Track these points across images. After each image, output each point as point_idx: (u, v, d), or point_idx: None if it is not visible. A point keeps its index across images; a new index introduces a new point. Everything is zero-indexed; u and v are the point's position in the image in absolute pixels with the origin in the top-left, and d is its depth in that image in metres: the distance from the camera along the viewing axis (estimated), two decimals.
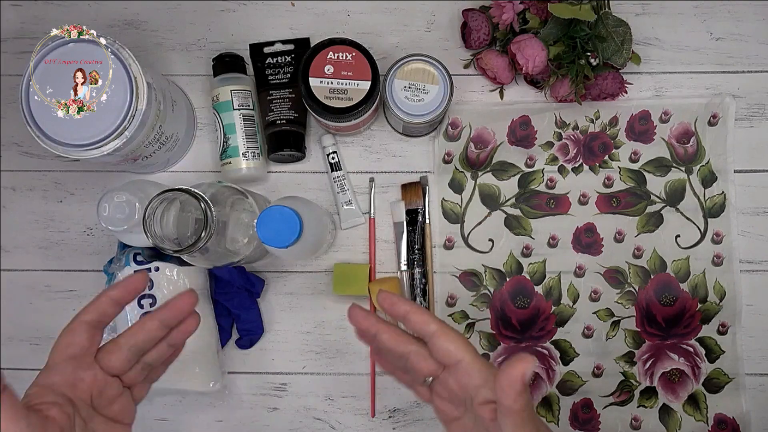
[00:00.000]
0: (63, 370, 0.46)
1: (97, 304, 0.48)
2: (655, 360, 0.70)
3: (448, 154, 0.72)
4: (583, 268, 0.71)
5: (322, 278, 0.72)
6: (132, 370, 0.49)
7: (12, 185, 0.74)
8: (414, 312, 0.48)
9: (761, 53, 0.72)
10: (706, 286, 0.70)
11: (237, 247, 0.63)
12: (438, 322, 0.47)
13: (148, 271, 0.67)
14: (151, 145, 0.64)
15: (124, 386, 0.49)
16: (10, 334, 0.73)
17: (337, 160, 0.71)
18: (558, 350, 0.70)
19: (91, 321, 0.47)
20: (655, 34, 0.73)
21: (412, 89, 0.65)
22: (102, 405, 0.47)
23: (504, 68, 0.69)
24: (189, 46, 0.74)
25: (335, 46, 0.64)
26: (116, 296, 0.48)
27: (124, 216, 0.61)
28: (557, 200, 0.71)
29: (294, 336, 0.72)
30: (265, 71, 0.71)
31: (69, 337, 0.47)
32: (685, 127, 0.71)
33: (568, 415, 0.70)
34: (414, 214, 0.71)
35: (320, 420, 0.71)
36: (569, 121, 0.72)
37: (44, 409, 0.43)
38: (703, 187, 0.71)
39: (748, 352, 0.70)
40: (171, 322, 0.49)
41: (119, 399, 0.48)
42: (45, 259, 0.73)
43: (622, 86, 0.69)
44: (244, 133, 0.69)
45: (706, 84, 0.72)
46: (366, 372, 0.71)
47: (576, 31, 0.66)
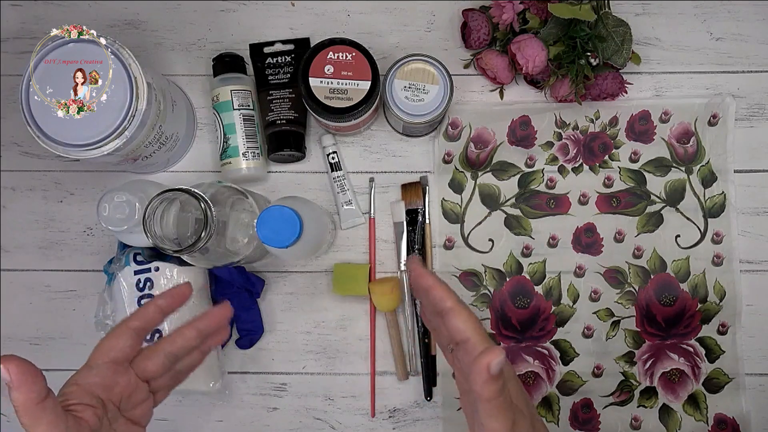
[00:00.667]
0: (102, 373, 0.47)
1: (144, 312, 0.49)
2: (655, 360, 0.70)
3: (448, 154, 0.72)
4: (583, 268, 0.71)
5: (322, 278, 0.72)
6: (162, 376, 0.50)
7: (12, 185, 0.74)
8: (435, 287, 0.48)
9: (761, 53, 0.72)
10: (706, 286, 0.70)
11: (237, 247, 0.63)
12: (454, 300, 0.48)
13: (148, 271, 0.67)
14: (151, 145, 0.64)
15: (150, 391, 0.50)
16: (10, 334, 0.73)
17: (337, 160, 0.71)
18: (558, 350, 0.70)
19: (136, 328, 0.49)
20: (655, 34, 0.73)
21: (412, 89, 0.65)
22: (128, 408, 0.48)
23: (504, 68, 0.69)
24: (189, 46, 0.74)
25: (335, 46, 0.64)
26: (163, 305, 0.50)
27: (124, 216, 0.61)
28: (557, 200, 0.71)
29: (294, 336, 0.72)
30: (265, 71, 0.71)
31: (113, 341, 0.48)
32: (685, 127, 0.71)
33: (568, 415, 0.70)
34: (414, 214, 0.71)
35: (320, 420, 0.71)
36: (569, 121, 0.72)
37: (79, 410, 0.44)
38: (703, 187, 0.71)
39: (748, 352, 0.70)
40: (208, 331, 0.51)
41: (144, 403, 0.49)
42: (45, 259, 0.73)
43: (622, 86, 0.69)
44: (244, 133, 0.69)
45: (706, 84, 0.72)
46: (366, 372, 0.71)
47: (576, 31, 0.66)
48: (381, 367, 0.71)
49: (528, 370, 0.70)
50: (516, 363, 0.70)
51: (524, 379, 0.70)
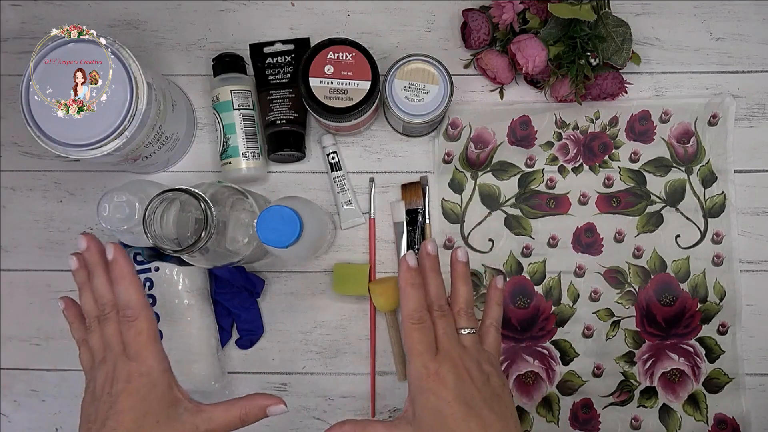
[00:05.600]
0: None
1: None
2: (655, 360, 0.70)
3: (448, 154, 0.72)
4: (583, 268, 0.71)
5: (322, 278, 0.72)
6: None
7: (12, 185, 0.74)
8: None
9: (761, 53, 0.72)
10: (706, 286, 0.70)
11: (237, 247, 0.63)
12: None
13: (148, 271, 0.67)
14: (151, 145, 0.64)
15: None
16: (10, 334, 0.73)
17: (337, 160, 0.71)
18: (558, 350, 0.70)
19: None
20: (655, 34, 0.73)
21: (412, 89, 0.65)
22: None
23: (504, 68, 0.69)
24: (189, 46, 0.74)
25: (335, 46, 0.64)
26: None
27: (124, 216, 0.61)
28: (557, 200, 0.71)
29: (294, 336, 0.72)
30: (265, 71, 0.71)
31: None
32: (685, 127, 0.71)
33: (568, 415, 0.70)
34: (414, 214, 0.71)
35: (320, 420, 0.71)
36: (569, 121, 0.72)
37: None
38: (703, 187, 0.71)
39: (748, 352, 0.70)
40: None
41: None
42: (45, 259, 0.73)
43: (622, 86, 0.69)
44: (244, 133, 0.69)
45: (706, 84, 0.72)
46: (366, 372, 0.71)
47: (576, 31, 0.66)
48: (381, 367, 0.71)
49: (528, 370, 0.70)
50: (516, 363, 0.70)
51: (524, 379, 0.70)
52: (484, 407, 0.49)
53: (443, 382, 0.49)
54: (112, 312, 0.52)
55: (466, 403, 0.49)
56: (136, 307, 0.51)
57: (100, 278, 0.53)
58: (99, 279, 0.53)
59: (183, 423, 0.50)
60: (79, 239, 0.54)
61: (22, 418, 0.72)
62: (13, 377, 0.73)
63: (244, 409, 0.52)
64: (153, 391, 0.50)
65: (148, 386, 0.50)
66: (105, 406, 0.49)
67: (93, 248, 0.54)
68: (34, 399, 0.72)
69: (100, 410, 0.49)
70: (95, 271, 0.53)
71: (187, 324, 0.67)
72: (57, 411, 0.72)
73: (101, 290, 0.53)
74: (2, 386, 0.73)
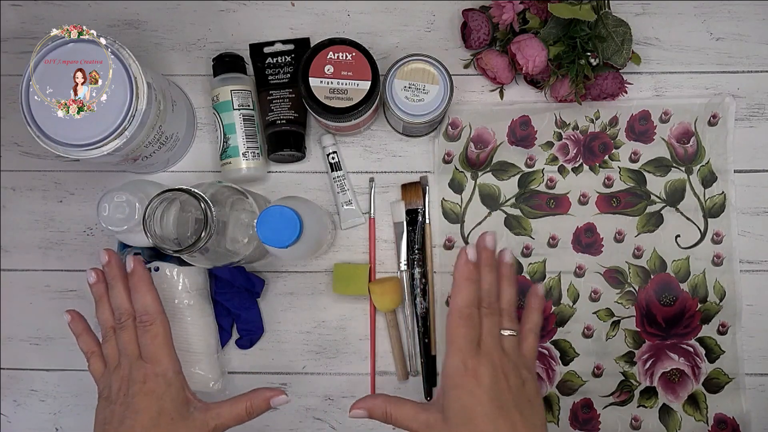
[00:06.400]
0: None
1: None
2: (655, 360, 0.70)
3: (448, 154, 0.72)
4: (583, 268, 0.71)
5: (322, 278, 0.72)
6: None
7: (12, 185, 0.74)
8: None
9: (761, 53, 0.72)
10: (706, 286, 0.70)
11: (237, 247, 0.63)
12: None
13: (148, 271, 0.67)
14: (151, 145, 0.64)
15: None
16: (10, 334, 0.73)
17: (337, 160, 0.71)
18: (558, 350, 0.70)
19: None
20: (655, 34, 0.73)
21: (412, 89, 0.65)
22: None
23: (504, 68, 0.69)
24: (189, 46, 0.74)
25: (335, 46, 0.64)
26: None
27: (124, 216, 0.61)
28: (557, 200, 0.71)
29: (294, 336, 0.72)
30: (265, 71, 0.71)
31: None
32: (685, 127, 0.71)
33: (568, 415, 0.70)
34: (414, 214, 0.71)
35: (320, 420, 0.71)
36: (569, 121, 0.72)
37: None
38: (703, 187, 0.71)
39: (748, 352, 0.70)
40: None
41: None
42: (45, 259, 0.73)
43: (622, 86, 0.69)
44: (244, 133, 0.69)
45: (706, 84, 0.72)
46: (366, 372, 0.71)
47: (576, 31, 0.66)
48: (381, 367, 0.71)
49: None
50: None
51: None
52: (515, 411, 0.49)
53: (479, 381, 0.49)
54: (128, 320, 0.56)
55: (498, 404, 0.49)
56: (152, 312, 0.55)
57: (119, 290, 0.57)
58: (118, 290, 0.57)
59: (194, 420, 0.53)
60: (101, 254, 0.58)
61: (22, 418, 0.72)
62: (13, 377, 0.73)
63: (250, 402, 0.55)
64: (168, 391, 0.53)
65: (164, 386, 0.53)
66: (121, 407, 0.52)
67: (114, 262, 0.58)
68: (34, 399, 0.72)
69: (116, 411, 0.52)
70: (114, 284, 0.57)
71: (187, 324, 0.67)
72: (57, 411, 0.72)
73: (119, 300, 0.57)
74: (2, 386, 0.73)
